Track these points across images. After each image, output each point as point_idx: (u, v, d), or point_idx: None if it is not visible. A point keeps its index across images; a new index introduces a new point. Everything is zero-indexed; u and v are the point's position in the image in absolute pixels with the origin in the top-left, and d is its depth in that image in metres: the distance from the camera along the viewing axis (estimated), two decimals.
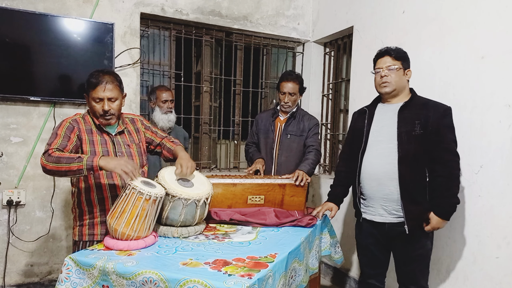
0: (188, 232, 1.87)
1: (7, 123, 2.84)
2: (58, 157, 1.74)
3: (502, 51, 2.10)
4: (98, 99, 1.90)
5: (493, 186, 2.13)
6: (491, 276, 2.14)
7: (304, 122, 2.85)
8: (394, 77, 2.03)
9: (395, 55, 2.04)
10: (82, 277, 1.51)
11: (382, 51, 2.09)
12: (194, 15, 3.37)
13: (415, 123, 1.99)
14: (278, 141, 2.87)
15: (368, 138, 2.12)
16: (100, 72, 1.93)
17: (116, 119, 2.00)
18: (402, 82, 2.06)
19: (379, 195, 2.06)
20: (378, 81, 2.09)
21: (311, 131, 2.83)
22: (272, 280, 1.48)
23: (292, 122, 2.86)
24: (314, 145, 2.77)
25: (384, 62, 2.05)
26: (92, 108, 1.94)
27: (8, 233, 2.88)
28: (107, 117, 1.94)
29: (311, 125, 2.85)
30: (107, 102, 1.90)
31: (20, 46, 2.78)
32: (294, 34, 3.84)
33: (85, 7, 2.99)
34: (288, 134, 2.84)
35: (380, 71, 2.06)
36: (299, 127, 2.84)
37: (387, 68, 2.03)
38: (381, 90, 2.09)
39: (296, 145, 2.83)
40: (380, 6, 2.98)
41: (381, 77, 2.05)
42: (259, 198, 2.35)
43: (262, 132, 2.94)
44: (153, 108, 3.00)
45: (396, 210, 2.03)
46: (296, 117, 2.87)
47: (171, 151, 2.12)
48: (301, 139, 2.83)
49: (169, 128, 2.98)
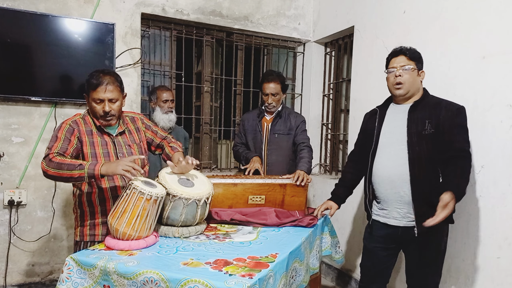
0: (189, 232, 1.87)
1: (8, 123, 2.85)
2: (60, 163, 1.74)
3: (504, 51, 2.09)
4: (99, 100, 1.89)
5: (494, 187, 2.12)
6: (492, 277, 2.14)
7: (290, 120, 2.86)
8: (408, 77, 1.96)
9: (410, 55, 1.98)
10: (83, 277, 1.51)
11: (397, 50, 2.02)
12: (195, 15, 3.38)
13: (425, 122, 1.93)
14: (266, 141, 2.87)
15: (379, 140, 2.07)
16: (100, 72, 1.91)
17: (116, 120, 1.99)
18: (416, 83, 2.00)
19: (393, 198, 2.00)
20: (392, 81, 2.01)
21: (299, 128, 2.84)
22: (273, 280, 1.48)
23: (278, 121, 2.86)
24: (305, 142, 2.77)
25: (399, 61, 1.98)
26: (92, 109, 1.93)
27: (10, 233, 2.89)
28: (108, 118, 1.93)
29: (298, 123, 2.85)
30: (107, 103, 1.89)
31: (21, 46, 2.78)
32: (295, 34, 3.84)
33: (86, 8, 2.99)
34: (276, 133, 2.85)
35: (394, 70, 1.99)
36: (286, 125, 2.85)
37: (401, 68, 1.97)
38: (395, 92, 2.02)
39: (285, 143, 2.84)
40: (381, 6, 2.97)
41: (395, 77, 1.98)
42: (260, 198, 2.35)
43: (250, 132, 2.94)
44: (154, 108, 3.01)
45: (410, 213, 1.97)
46: (282, 116, 2.87)
47: (169, 157, 2.10)
48: (289, 137, 2.84)
49: (169, 128, 2.98)
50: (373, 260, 2.17)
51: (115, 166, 1.73)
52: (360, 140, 2.29)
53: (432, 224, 1.76)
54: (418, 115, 1.96)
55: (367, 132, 2.17)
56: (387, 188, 2.02)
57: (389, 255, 2.13)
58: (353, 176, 2.32)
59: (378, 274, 2.17)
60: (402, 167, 1.96)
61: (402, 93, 1.99)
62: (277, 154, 2.84)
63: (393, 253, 2.14)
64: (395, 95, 2.04)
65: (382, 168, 2.04)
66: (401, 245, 2.11)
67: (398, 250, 2.15)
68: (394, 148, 2.01)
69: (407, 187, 1.95)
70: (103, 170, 1.73)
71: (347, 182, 2.35)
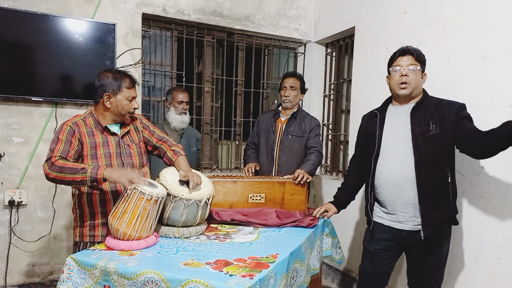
0: (190, 232, 1.87)
1: (9, 123, 2.85)
2: (62, 166, 1.74)
3: (504, 52, 2.09)
4: (132, 98, 1.98)
5: (495, 187, 2.12)
6: (492, 277, 2.13)
7: (305, 123, 2.86)
8: (414, 78, 1.91)
9: (417, 56, 1.94)
10: (84, 277, 1.51)
11: (405, 49, 1.96)
12: (195, 15, 3.38)
13: (429, 123, 1.90)
14: (279, 141, 2.87)
15: (381, 142, 2.03)
16: (123, 72, 2.02)
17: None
18: (420, 85, 1.96)
19: (398, 201, 1.95)
20: (397, 80, 1.95)
21: (312, 132, 2.84)
22: (274, 280, 1.48)
23: (293, 123, 2.86)
24: (315, 147, 2.77)
25: (405, 60, 1.93)
26: (121, 107, 1.95)
27: (10, 233, 2.89)
28: (131, 113, 2.03)
29: (312, 126, 2.85)
30: (135, 100, 2.01)
31: (22, 46, 2.78)
32: (296, 34, 3.84)
33: (87, 8, 2.99)
34: (289, 134, 2.85)
35: (400, 69, 1.93)
36: (300, 128, 2.85)
37: (407, 67, 1.92)
38: (399, 92, 1.95)
39: (297, 145, 2.84)
40: (381, 7, 2.98)
41: (401, 76, 1.92)
42: (260, 196, 2.35)
43: (263, 132, 2.95)
44: (169, 108, 3.03)
45: (416, 216, 1.92)
46: (297, 117, 2.87)
47: (172, 162, 2.09)
48: (302, 140, 2.84)
49: (182, 129, 3.01)
50: (373, 262, 2.13)
51: (119, 174, 1.73)
52: (360, 143, 2.26)
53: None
54: (420, 116, 1.93)
55: (368, 135, 2.13)
56: (392, 191, 1.97)
57: (391, 257, 2.10)
58: (355, 179, 2.30)
59: (378, 277, 2.14)
60: (407, 170, 1.92)
61: (406, 93, 1.94)
62: (288, 156, 2.83)
63: (395, 256, 2.11)
64: (398, 94, 1.98)
65: (386, 171, 1.99)
66: (404, 248, 2.08)
67: (400, 253, 2.12)
68: (399, 150, 1.96)
69: (413, 189, 1.91)
70: (106, 175, 1.73)
71: (349, 185, 2.33)
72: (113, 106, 1.95)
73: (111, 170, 1.75)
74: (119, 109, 1.96)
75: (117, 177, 1.72)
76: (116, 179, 1.73)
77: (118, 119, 2.00)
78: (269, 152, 2.89)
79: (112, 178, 1.73)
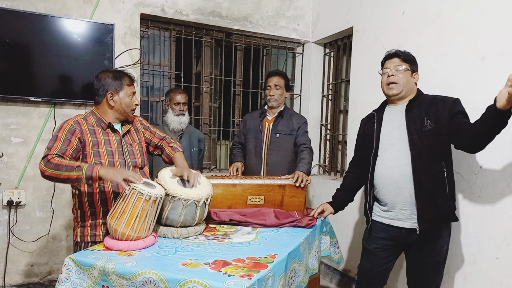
0: (188, 232, 1.87)
1: (7, 124, 2.85)
2: (58, 164, 1.74)
3: (503, 52, 2.10)
4: (133, 94, 2.03)
5: (493, 187, 2.13)
6: (491, 277, 2.14)
7: (293, 120, 2.87)
8: (402, 77, 1.98)
9: (403, 57, 2.01)
10: (82, 277, 1.51)
11: (391, 53, 2.05)
12: (194, 15, 3.38)
13: (424, 119, 1.93)
14: (267, 141, 2.87)
15: (379, 142, 2.06)
16: (121, 71, 2.09)
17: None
18: (410, 84, 2.01)
19: (397, 199, 1.98)
20: (384, 81, 2.04)
21: (301, 129, 2.85)
22: (272, 280, 1.48)
23: (280, 121, 2.87)
24: (306, 144, 2.77)
25: (393, 62, 2.01)
26: (125, 104, 2.00)
27: (9, 233, 2.88)
28: (134, 111, 2.08)
29: (300, 123, 2.86)
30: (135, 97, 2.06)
31: (20, 46, 2.78)
32: (294, 35, 3.84)
33: (85, 8, 2.99)
34: (277, 133, 2.85)
35: (388, 71, 2.01)
36: (288, 125, 2.85)
37: (394, 68, 1.99)
38: (388, 92, 2.03)
39: (286, 144, 2.84)
40: (380, 7, 2.98)
41: (388, 77, 2.00)
42: (259, 198, 2.35)
43: (251, 132, 2.95)
44: (167, 110, 3.03)
45: (414, 213, 1.95)
46: (284, 116, 2.88)
47: (170, 157, 2.14)
48: (291, 137, 2.84)
49: (181, 130, 3.00)
50: (372, 261, 2.14)
51: (114, 173, 1.74)
52: (359, 145, 2.29)
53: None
54: (415, 113, 1.97)
55: (366, 136, 2.16)
56: (391, 190, 2.00)
57: (389, 256, 2.11)
58: (353, 180, 2.32)
59: (375, 275, 2.15)
60: (405, 167, 1.95)
61: (394, 92, 2.00)
62: (277, 155, 2.84)
63: (394, 255, 2.12)
64: (388, 94, 2.06)
65: (384, 170, 2.02)
66: (403, 247, 2.09)
67: (399, 252, 2.13)
68: (396, 149, 2.00)
69: (410, 186, 1.93)
70: (101, 173, 1.73)
71: (346, 186, 2.35)
72: (117, 104, 1.98)
73: (106, 169, 1.76)
74: (123, 106, 1.99)
75: (112, 176, 1.73)
76: (111, 178, 1.73)
77: (122, 117, 2.03)
78: (258, 152, 2.89)
79: (107, 176, 1.73)
